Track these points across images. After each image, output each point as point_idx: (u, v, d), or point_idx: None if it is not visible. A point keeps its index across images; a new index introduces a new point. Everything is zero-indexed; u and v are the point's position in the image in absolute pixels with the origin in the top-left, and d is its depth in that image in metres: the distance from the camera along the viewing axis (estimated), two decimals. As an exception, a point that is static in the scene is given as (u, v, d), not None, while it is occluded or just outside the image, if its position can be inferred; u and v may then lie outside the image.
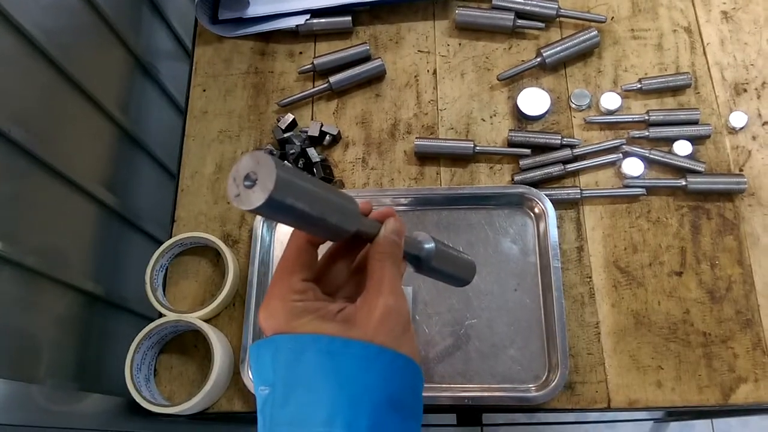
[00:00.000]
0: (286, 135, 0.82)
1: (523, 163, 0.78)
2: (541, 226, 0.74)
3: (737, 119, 0.78)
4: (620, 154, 0.77)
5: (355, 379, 0.39)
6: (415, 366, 0.43)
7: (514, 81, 0.84)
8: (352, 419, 0.38)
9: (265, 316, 0.43)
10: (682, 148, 0.77)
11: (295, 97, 0.85)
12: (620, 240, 0.75)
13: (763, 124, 0.79)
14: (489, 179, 0.79)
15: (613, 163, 0.78)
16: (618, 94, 0.81)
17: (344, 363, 0.40)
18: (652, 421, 1.37)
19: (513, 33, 0.87)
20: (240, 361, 0.71)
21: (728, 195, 0.75)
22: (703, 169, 0.75)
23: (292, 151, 0.80)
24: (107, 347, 0.80)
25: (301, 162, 0.80)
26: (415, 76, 0.86)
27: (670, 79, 0.81)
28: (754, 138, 0.79)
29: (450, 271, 0.54)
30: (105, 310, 0.82)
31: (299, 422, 0.39)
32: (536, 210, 0.75)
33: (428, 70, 0.86)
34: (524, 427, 1.37)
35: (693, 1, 0.87)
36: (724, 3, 0.86)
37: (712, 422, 1.43)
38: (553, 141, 0.78)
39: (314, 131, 0.81)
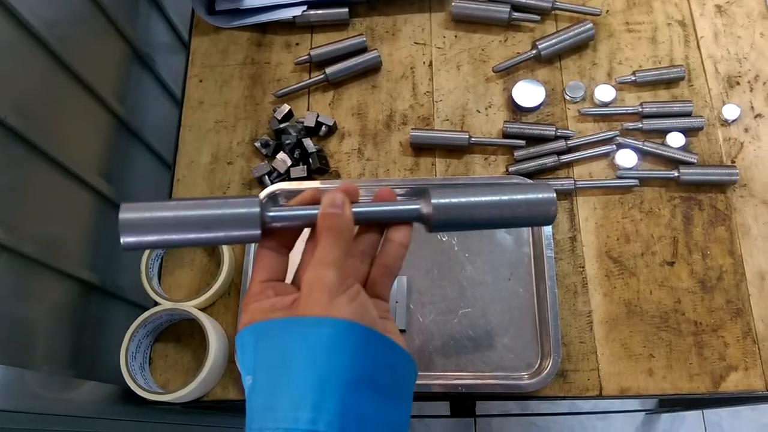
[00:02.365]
0: (282, 125, 0.82)
1: (517, 154, 0.79)
2: (535, 216, 0.75)
3: (730, 112, 0.79)
4: (614, 146, 0.78)
5: (322, 359, 0.39)
6: (388, 341, 0.42)
7: (509, 73, 0.85)
8: (320, 400, 0.37)
9: (239, 329, 0.44)
10: (675, 139, 0.78)
11: (291, 87, 0.85)
12: (613, 230, 0.75)
13: (756, 117, 0.80)
14: (484, 170, 0.80)
15: (606, 155, 0.79)
16: (612, 86, 0.82)
17: (313, 343, 0.39)
18: (644, 413, 1.38)
19: (509, 25, 0.87)
20: (235, 349, 0.71)
21: (720, 186, 0.76)
22: (695, 161, 0.76)
23: (287, 142, 0.80)
24: (103, 335, 0.81)
25: (297, 152, 0.81)
26: (411, 68, 0.87)
27: (664, 71, 0.82)
28: (746, 130, 0.79)
29: (486, 217, 0.47)
30: (101, 299, 0.82)
31: (270, 407, 0.39)
32: (530, 200, 0.75)
33: (424, 62, 0.87)
34: (517, 418, 1.38)
35: (687, -5, 0.87)
36: (718, -3, 0.87)
37: (703, 413, 1.44)
38: (547, 132, 0.79)
39: (310, 122, 0.82)
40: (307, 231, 0.47)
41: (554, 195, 0.47)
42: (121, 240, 0.43)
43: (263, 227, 0.44)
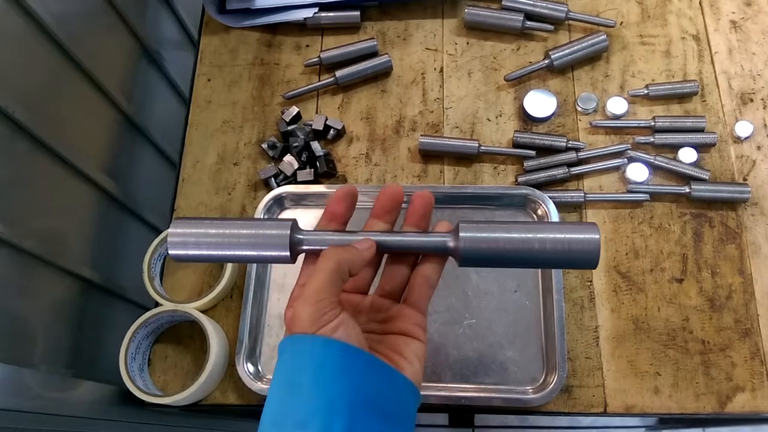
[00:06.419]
0: (290, 128, 0.81)
1: (527, 164, 0.78)
2: (544, 228, 0.74)
3: (743, 129, 0.78)
4: (625, 159, 0.77)
5: (329, 380, 0.40)
6: (390, 370, 0.43)
7: (521, 82, 0.84)
8: (329, 423, 0.38)
9: None
10: (687, 155, 0.77)
11: (300, 90, 0.84)
12: (622, 245, 0.74)
13: (769, 135, 0.79)
14: (493, 179, 0.79)
15: (617, 168, 0.78)
16: (624, 99, 0.81)
17: (321, 364, 0.40)
18: (644, 428, 1.37)
19: (521, 34, 0.87)
20: (235, 353, 0.70)
21: (731, 204, 0.75)
22: (707, 177, 0.75)
23: (295, 144, 0.80)
24: (102, 335, 0.80)
25: (304, 155, 0.80)
26: (422, 74, 0.86)
27: (677, 86, 0.81)
28: (758, 148, 0.79)
29: (518, 256, 0.46)
30: (101, 298, 0.81)
31: (278, 422, 0.40)
32: (539, 212, 0.74)
33: (435, 68, 0.86)
34: (516, 431, 1.37)
35: (702, 10, 0.87)
36: (733, 12, 0.86)
37: (703, 431, 1.42)
38: (558, 143, 0.78)
39: (318, 125, 0.81)
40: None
41: (598, 237, 0.45)
42: (169, 252, 0.47)
43: (292, 249, 0.46)
